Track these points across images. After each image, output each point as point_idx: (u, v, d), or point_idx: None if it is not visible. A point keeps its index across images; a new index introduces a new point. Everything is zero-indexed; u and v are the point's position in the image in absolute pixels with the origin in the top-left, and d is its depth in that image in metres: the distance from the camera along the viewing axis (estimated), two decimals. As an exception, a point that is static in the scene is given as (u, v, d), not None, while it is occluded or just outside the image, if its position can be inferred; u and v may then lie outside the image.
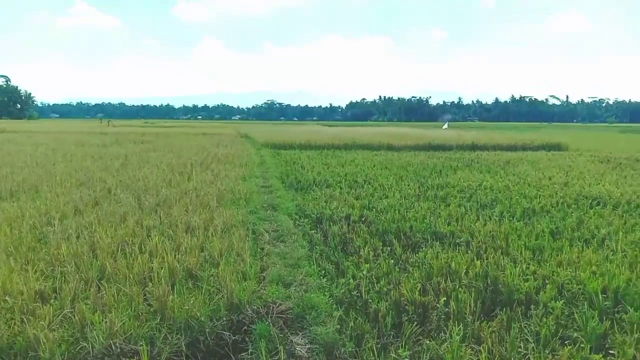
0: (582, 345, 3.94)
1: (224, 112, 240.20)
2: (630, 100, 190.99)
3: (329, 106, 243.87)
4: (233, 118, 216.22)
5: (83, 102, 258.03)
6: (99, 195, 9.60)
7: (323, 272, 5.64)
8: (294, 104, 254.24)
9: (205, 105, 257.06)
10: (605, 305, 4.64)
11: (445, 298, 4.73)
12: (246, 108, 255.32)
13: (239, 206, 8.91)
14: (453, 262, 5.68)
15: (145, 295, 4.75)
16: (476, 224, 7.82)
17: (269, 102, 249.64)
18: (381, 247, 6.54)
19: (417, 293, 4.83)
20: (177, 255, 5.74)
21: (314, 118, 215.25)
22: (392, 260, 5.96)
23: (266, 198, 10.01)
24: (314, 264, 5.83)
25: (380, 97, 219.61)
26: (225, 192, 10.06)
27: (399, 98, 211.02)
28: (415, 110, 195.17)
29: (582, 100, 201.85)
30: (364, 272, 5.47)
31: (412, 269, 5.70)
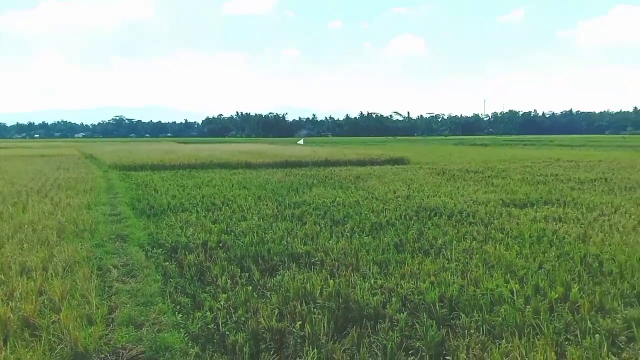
0: (423, 354, 4.34)
1: (65, 130, 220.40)
2: (461, 115, 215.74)
3: (184, 122, 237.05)
4: (76, 136, 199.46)
5: None
6: None
7: (178, 307, 5.45)
8: (145, 119, 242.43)
9: (44, 122, 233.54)
10: (443, 313, 5.15)
11: (300, 322, 4.87)
12: (91, 125, 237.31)
13: (84, 239, 8.27)
14: (308, 284, 5.87)
15: (-32, 355, 4.17)
16: (330, 241, 8.17)
17: (118, 118, 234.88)
18: (239, 274, 6.52)
19: (274, 319, 4.91)
20: (10, 303, 5.15)
21: (168, 134, 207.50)
22: (250, 287, 5.97)
23: (114, 228, 9.41)
24: (168, 299, 5.62)
25: (237, 113, 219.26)
26: (67, 224, 9.26)
27: (256, 114, 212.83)
28: (272, 126, 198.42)
29: (421, 115, 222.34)
30: (222, 303, 5.41)
31: (270, 294, 5.77)
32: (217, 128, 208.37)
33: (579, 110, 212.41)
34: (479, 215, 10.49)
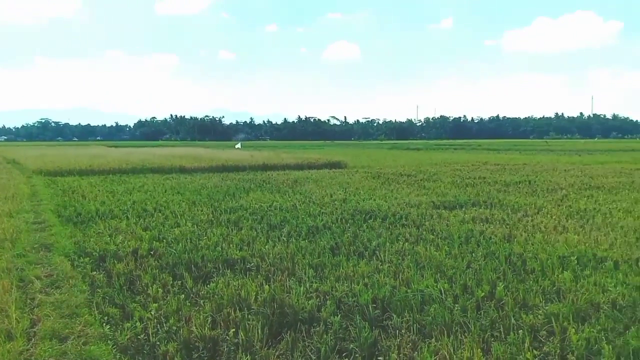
0: (356, 355, 4.40)
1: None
2: (395, 120, 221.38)
3: (115, 125, 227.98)
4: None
5: None
6: None
7: (106, 318, 5.23)
8: (73, 122, 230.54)
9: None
10: (376, 314, 5.25)
11: (234, 329, 4.81)
12: (14, 128, 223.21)
13: (4, 249, 7.79)
14: (243, 290, 5.81)
15: None
16: (266, 246, 8.14)
17: (43, 120, 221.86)
18: (171, 282, 6.35)
19: (207, 328, 4.82)
20: None
21: (98, 138, 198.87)
22: (183, 295, 5.83)
23: (38, 237, 8.92)
24: (95, 311, 5.38)
25: (172, 115, 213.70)
26: (-16, 234, 8.66)
27: (191, 117, 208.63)
28: (209, 130, 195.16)
29: (357, 120, 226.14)
30: (152, 313, 5.24)
31: (203, 302, 5.66)
32: (150, 131, 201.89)
33: (505, 116, 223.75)
34: (411, 218, 10.78)
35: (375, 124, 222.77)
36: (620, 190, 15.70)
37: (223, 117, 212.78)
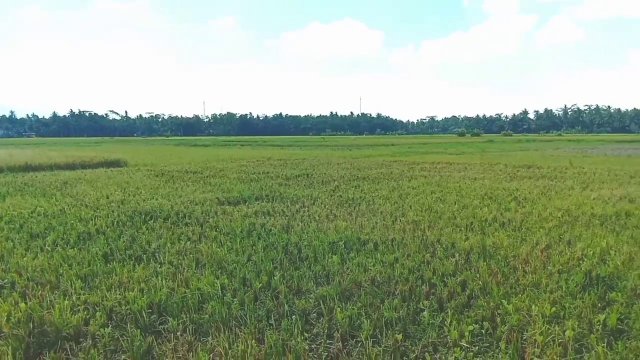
0: (128, 366, 4.13)
1: None
2: (181, 116, 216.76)
3: None
4: None
5: None
6: None
7: None
8: None
9: None
10: (151, 319, 5.01)
11: (-23, 360, 4.09)
12: None
13: None
14: (-9, 312, 4.98)
15: None
16: (24, 259, 7.14)
17: None
18: None
19: (-62, 364, 4.00)
20: None
21: None
22: None
23: None
24: None
25: None
26: None
27: None
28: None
29: (140, 115, 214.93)
30: None
31: None
32: None
33: (287, 114, 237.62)
34: (195, 215, 10.62)
35: (160, 119, 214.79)
36: (381, 180, 17.91)
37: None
